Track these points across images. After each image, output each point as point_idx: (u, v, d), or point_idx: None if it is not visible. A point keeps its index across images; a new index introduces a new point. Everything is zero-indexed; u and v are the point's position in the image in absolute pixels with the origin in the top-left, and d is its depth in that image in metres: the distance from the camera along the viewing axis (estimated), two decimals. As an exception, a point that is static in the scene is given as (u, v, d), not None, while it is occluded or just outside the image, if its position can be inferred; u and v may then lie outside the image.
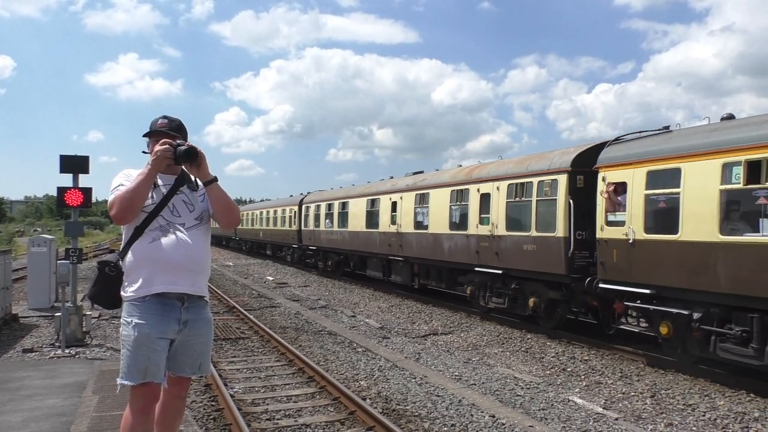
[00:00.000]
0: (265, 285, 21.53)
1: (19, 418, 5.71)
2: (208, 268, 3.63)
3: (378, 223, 19.25)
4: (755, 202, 7.67)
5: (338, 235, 23.03)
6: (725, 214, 7.97)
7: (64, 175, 9.61)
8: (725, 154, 7.94)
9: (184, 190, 3.56)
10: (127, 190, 3.33)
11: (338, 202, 23.40)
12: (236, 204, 3.77)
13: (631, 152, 9.70)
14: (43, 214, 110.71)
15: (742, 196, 7.86)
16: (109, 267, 3.49)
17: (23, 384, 7.12)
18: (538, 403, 7.35)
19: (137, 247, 3.41)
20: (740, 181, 7.72)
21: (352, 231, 21.65)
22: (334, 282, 22.48)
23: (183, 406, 3.75)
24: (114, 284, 3.50)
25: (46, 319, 12.49)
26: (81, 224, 10.73)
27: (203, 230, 3.57)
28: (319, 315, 14.28)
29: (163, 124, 3.53)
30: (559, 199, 10.93)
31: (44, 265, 13.93)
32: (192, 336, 3.48)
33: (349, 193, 22.99)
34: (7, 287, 12.27)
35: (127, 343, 3.33)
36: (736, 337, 7.78)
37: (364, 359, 9.47)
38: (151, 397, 3.37)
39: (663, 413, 7.14)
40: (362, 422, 6.25)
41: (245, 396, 7.28)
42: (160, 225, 3.42)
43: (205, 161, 3.48)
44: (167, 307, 3.38)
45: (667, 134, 9.56)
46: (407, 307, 15.68)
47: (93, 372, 7.79)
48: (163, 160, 3.37)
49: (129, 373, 3.31)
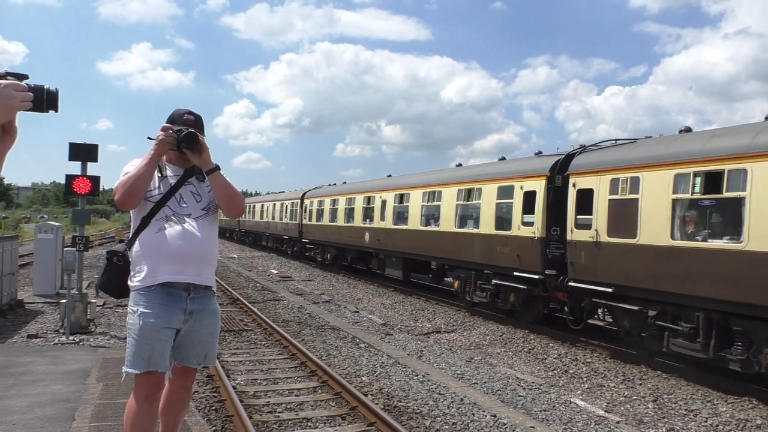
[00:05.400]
0: (269, 278, 21.57)
1: (23, 402, 5.75)
2: (214, 258, 3.64)
3: (371, 219, 20.48)
4: (702, 211, 8.64)
5: (336, 229, 23.95)
6: (676, 221, 8.78)
7: (73, 162, 9.65)
8: (677, 166, 8.82)
9: (192, 180, 3.57)
10: (130, 176, 3.36)
11: (338, 198, 24.24)
12: (240, 193, 3.76)
13: (598, 161, 10.57)
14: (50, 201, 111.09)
15: (692, 205, 8.76)
16: (117, 257, 3.53)
17: (27, 369, 7.16)
18: (540, 404, 7.34)
19: (144, 236, 3.43)
20: (689, 191, 8.63)
21: (347, 226, 22.69)
22: (337, 277, 22.51)
23: (189, 396, 3.77)
24: (121, 274, 3.53)
25: (51, 305, 12.56)
26: (88, 212, 10.79)
27: (210, 220, 3.57)
28: (323, 309, 14.31)
29: (189, 120, 3.52)
30: (538, 200, 11.82)
31: (50, 251, 14.01)
32: (198, 327, 3.49)
33: (347, 190, 24.08)
34: (13, 273, 12.34)
35: (133, 332, 3.35)
36: (685, 333, 8.56)
37: (367, 355, 9.48)
38: (155, 386, 3.38)
39: (665, 418, 7.12)
40: (363, 418, 6.26)
41: (247, 388, 7.30)
42: (166, 215, 3.44)
43: (206, 148, 3.47)
44: (173, 297, 3.40)
45: (633, 145, 10.37)
46: (410, 304, 15.68)
47: (97, 359, 7.83)
48: (165, 145, 3.39)
49: (134, 362, 3.32)
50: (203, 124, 3.62)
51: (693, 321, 8.48)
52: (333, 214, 24.43)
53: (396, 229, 18.33)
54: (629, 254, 9.52)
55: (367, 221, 20.86)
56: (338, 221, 23.64)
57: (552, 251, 11.50)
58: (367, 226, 20.69)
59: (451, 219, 15.00)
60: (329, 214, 25.02)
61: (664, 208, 8.90)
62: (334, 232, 24.26)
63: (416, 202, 17.08)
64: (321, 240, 25.98)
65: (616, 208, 9.86)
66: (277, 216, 34.40)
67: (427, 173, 18.50)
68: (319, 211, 26.41)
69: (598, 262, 10.13)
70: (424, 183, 17.14)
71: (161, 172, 3.51)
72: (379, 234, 19.57)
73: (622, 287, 9.65)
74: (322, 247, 26.12)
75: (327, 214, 25.32)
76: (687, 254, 8.57)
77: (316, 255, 26.90)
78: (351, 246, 22.54)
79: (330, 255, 25.16)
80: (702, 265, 8.34)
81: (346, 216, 23.05)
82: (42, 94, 1.70)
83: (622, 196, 9.75)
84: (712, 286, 8.19)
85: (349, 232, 22.43)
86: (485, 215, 13.54)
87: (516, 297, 12.40)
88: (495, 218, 13.16)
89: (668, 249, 8.79)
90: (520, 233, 12.18)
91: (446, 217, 15.32)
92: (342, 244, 23.40)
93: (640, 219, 9.28)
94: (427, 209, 16.57)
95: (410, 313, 14.50)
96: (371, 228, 20.24)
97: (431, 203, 16.32)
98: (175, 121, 3.52)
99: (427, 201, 16.54)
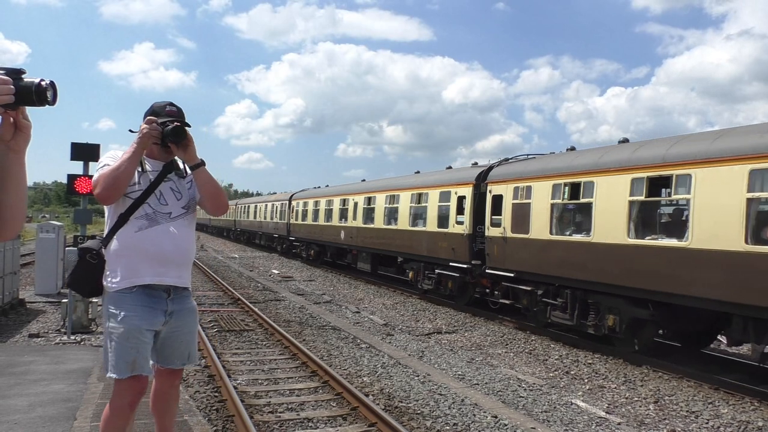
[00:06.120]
0: (271, 278, 21.58)
1: (25, 402, 5.75)
2: (192, 259, 3.55)
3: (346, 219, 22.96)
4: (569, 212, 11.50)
5: (318, 228, 26.61)
6: (554, 221, 11.34)
7: (75, 162, 9.67)
8: (554, 178, 11.39)
9: (172, 177, 3.44)
10: (112, 169, 3.21)
11: (320, 200, 26.68)
12: (224, 190, 3.64)
13: (506, 172, 13.37)
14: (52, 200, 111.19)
15: (562, 208, 11.41)
16: (90, 254, 3.33)
17: (29, 369, 7.16)
18: (541, 405, 7.34)
19: (123, 235, 3.29)
20: (560, 197, 11.24)
21: (327, 225, 25.30)
22: (339, 277, 22.53)
23: (178, 393, 3.76)
24: (95, 272, 3.35)
25: (53, 305, 12.57)
26: (90, 212, 10.80)
27: (189, 219, 3.48)
28: (324, 310, 14.31)
29: (172, 112, 3.37)
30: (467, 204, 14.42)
31: (52, 251, 14.01)
32: (179, 327, 3.41)
33: (327, 192, 26.68)
34: (14, 272, 12.35)
35: (115, 336, 3.21)
36: (560, 306, 11.10)
37: (368, 355, 9.48)
38: (139, 391, 3.26)
39: (666, 419, 7.12)
40: (364, 418, 6.25)
41: (248, 388, 7.30)
42: (146, 213, 3.31)
43: (192, 143, 3.34)
44: (154, 298, 3.30)
45: (531, 160, 13.35)
46: (411, 305, 15.68)
47: (98, 359, 7.82)
48: (149, 138, 3.25)
49: (117, 366, 3.19)
50: (185, 117, 3.47)
51: (565, 297, 10.97)
52: (315, 215, 26.87)
53: (365, 228, 20.88)
54: (524, 246, 12.10)
55: (342, 221, 23.33)
56: (320, 221, 26.13)
57: (477, 245, 13.98)
58: (342, 225, 23.21)
59: (407, 219, 17.70)
60: (312, 215, 27.35)
61: (545, 210, 11.48)
62: (316, 230, 26.75)
63: (381, 204, 19.73)
64: (305, 238, 28.41)
65: (517, 210, 12.41)
66: (268, 216, 36.58)
67: (389, 179, 21.45)
68: (304, 211, 28.77)
69: (505, 253, 12.79)
70: (386, 187, 19.90)
71: (141, 167, 3.35)
72: (352, 232, 22.06)
73: (520, 272, 12.25)
74: (306, 244, 28.50)
75: (310, 215, 27.64)
76: (559, 246, 11.12)
77: (302, 252, 29.23)
78: (330, 243, 24.99)
79: (313, 252, 27.51)
80: (568, 254, 10.89)
81: (325, 216, 25.48)
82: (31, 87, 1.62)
83: (520, 200, 12.32)
84: (575, 270, 10.65)
85: (328, 230, 24.95)
86: (430, 216, 16.26)
87: (453, 284, 14.98)
88: (437, 218, 15.79)
89: (548, 242, 11.39)
90: (454, 230, 14.83)
91: (403, 217, 18.01)
92: (323, 241, 25.93)
93: (531, 219, 11.86)
94: (389, 210, 19.13)
95: (411, 313, 14.50)
96: (346, 227, 22.75)
97: (392, 205, 18.92)
98: (158, 114, 3.35)
99: (389, 203, 19.15)
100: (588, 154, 11.15)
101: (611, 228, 9.76)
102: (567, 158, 11.69)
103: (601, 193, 10.00)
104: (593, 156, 10.77)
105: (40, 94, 1.63)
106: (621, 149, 10.39)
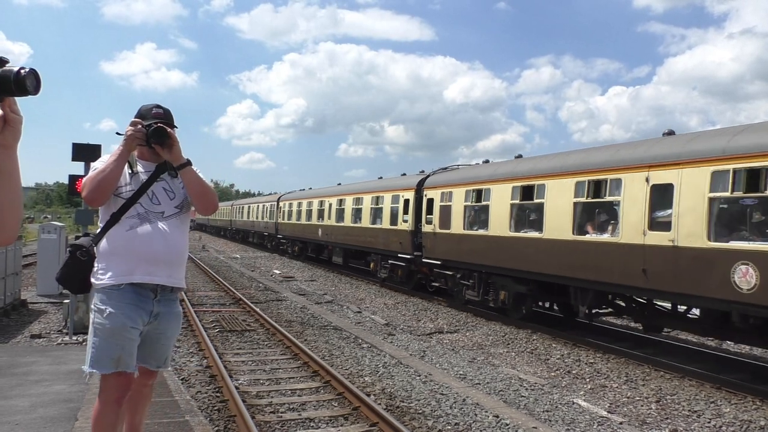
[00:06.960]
0: (272, 278, 21.59)
1: (26, 402, 5.76)
2: (185, 259, 3.55)
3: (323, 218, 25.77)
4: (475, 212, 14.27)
5: (301, 227, 29.60)
6: (467, 219, 14.45)
7: (76, 162, 9.68)
8: (467, 185, 14.49)
9: (165, 177, 3.46)
10: (97, 171, 3.25)
11: (302, 201, 29.43)
12: (213, 189, 3.65)
13: (437, 180, 16.48)
14: (53, 201, 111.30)
15: (471, 209, 14.36)
16: (81, 251, 3.36)
17: (31, 369, 7.17)
18: (543, 404, 7.33)
19: (114, 234, 3.32)
20: (470, 200, 14.21)
21: (308, 224, 28.08)
22: (340, 277, 22.56)
23: (150, 393, 3.77)
24: (84, 269, 3.38)
25: (55, 305, 12.58)
26: (91, 212, 10.79)
27: (183, 219, 3.49)
28: (325, 310, 14.32)
29: (159, 114, 3.42)
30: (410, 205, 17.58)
31: (54, 251, 14.01)
32: (161, 330, 3.44)
33: (308, 195, 29.71)
34: (16, 273, 12.37)
35: (100, 332, 3.25)
36: (471, 286, 14.20)
37: (369, 355, 9.48)
38: (125, 387, 3.30)
39: (668, 419, 7.11)
40: (366, 418, 6.25)
41: (250, 388, 7.30)
42: (138, 213, 3.33)
43: (177, 143, 3.36)
44: (142, 297, 3.32)
45: (453, 170, 16.75)
46: (413, 305, 15.68)
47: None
48: (134, 141, 3.29)
49: (100, 362, 3.24)
50: (173, 118, 3.51)
51: (474, 278, 14.02)
52: (299, 215, 29.75)
53: (337, 226, 23.84)
54: (448, 240, 15.17)
55: (320, 220, 26.22)
56: (302, 220, 29.12)
57: (418, 239, 16.86)
58: (320, 224, 26.12)
59: (368, 218, 20.75)
60: (296, 215, 30.24)
61: (461, 211, 14.56)
62: (299, 229, 29.81)
63: (349, 205, 22.78)
64: (290, 236, 31.55)
65: (443, 211, 15.46)
66: (259, 216, 39.31)
67: (356, 183, 25.11)
68: (289, 212, 31.67)
69: (435, 245, 15.85)
70: (354, 191, 23.25)
71: (132, 168, 3.39)
72: (327, 230, 25.08)
73: (446, 261, 15.33)
74: (291, 241, 31.69)
75: (295, 215, 30.55)
76: (470, 239, 14.15)
77: (288, 248, 32.34)
78: (311, 240, 28.00)
79: (297, 248, 30.73)
80: (475, 245, 13.83)
81: (307, 216, 28.30)
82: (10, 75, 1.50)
83: (445, 203, 15.37)
84: (480, 257, 13.66)
85: (309, 228, 27.91)
86: (385, 215, 19.39)
87: (402, 272, 18.22)
88: (390, 217, 18.94)
89: (462, 236, 14.52)
90: (401, 228, 17.99)
91: (365, 216, 21.06)
92: (305, 238, 28.99)
93: (452, 217, 14.94)
94: (355, 211, 22.13)
95: (413, 313, 14.50)
96: (323, 225, 25.72)
97: (358, 206, 21.90)
98: (145, 116, 3.40)
99: (356, 204, 22.13)
100: (489, 167, 14.79)
101: (501, 224, 12.87)
102: (475, 170, 15.26)
103: (495, 197, 13.16)
104: (490, 169, 14.39)
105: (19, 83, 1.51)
106: (507, 164, 14.15)
